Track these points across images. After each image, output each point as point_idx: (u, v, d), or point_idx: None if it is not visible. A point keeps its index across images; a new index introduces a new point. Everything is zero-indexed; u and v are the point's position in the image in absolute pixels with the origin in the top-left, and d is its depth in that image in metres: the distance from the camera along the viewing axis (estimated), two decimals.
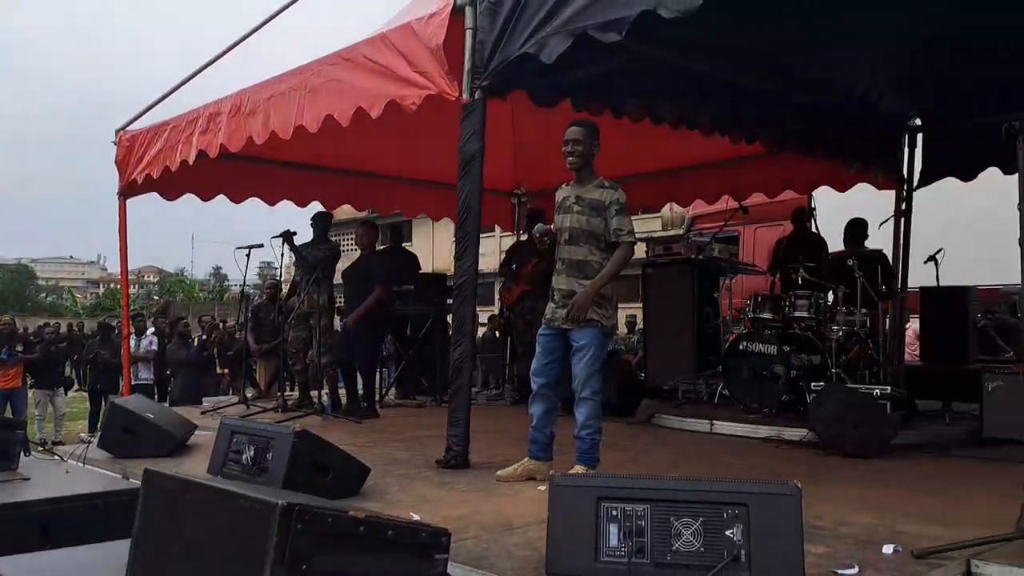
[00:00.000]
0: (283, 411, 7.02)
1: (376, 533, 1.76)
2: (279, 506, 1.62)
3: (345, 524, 1.71)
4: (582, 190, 4.17)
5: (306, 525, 1.63)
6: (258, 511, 1.66)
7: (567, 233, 4.16)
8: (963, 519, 3.35)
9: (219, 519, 1.76)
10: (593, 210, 4.10)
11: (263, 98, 6.14)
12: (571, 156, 4.16)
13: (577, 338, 4.05)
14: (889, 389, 5.57)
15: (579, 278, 4.10)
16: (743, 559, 2.23)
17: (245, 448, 3.75)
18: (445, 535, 1.92)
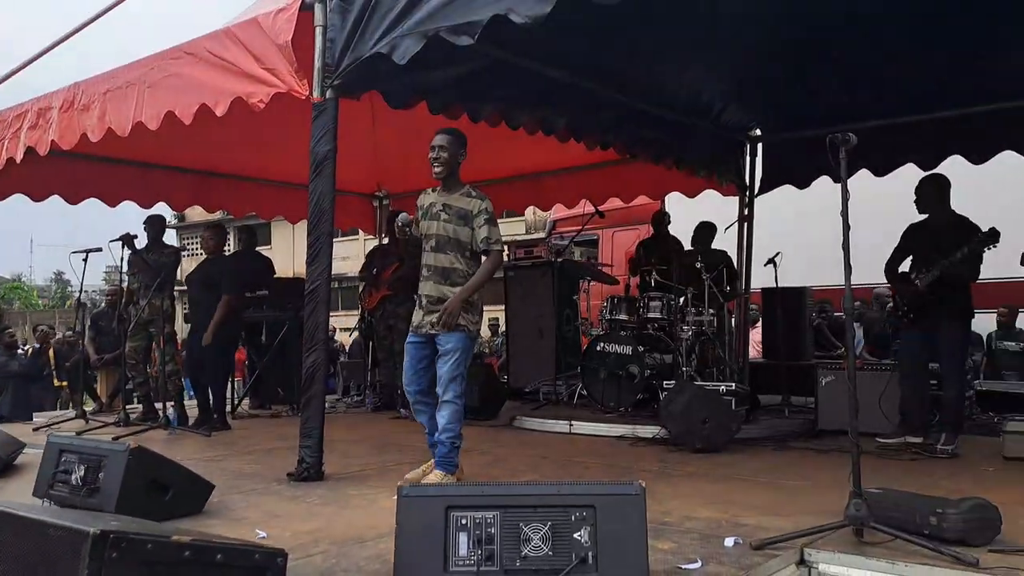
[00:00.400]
0: (125, 425, 6.59)
1: (203, 557, 1.65)
2: (91, 534, 1.48)
3: (168, 550, 1.59)
4: (449, 197, 4.17)
5: (122, 553, 1.51)
6: (68, 540, 1.52)
7: (433, 240, 4.15)
8: (798, 509, 3.54)
9: (27, 551, 1.60)
10: (460, 218, 4.11)
11: (99, 92, 5.75)
12: (437, 164, 4.13)
13: (443, 342, 4.06)
14: (734, 386, 5.85)
15: (445, 285, 4.12)
16: (591, 561, 2.25)
17: (75, 468, 3.48)
18: (281, 555, 1.83)
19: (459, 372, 4.05)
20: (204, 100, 4.94)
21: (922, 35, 6.26)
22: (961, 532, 2.82)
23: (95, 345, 9.15)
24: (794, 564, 2.85)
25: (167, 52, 5.34)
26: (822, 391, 5.98)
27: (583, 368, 6.95)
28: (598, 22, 5.24)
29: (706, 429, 5.14)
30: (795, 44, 6.62)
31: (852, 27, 6.29)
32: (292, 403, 8.10)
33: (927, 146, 7.16)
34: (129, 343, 7.00)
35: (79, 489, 3.42)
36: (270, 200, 9.63)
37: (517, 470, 4.69)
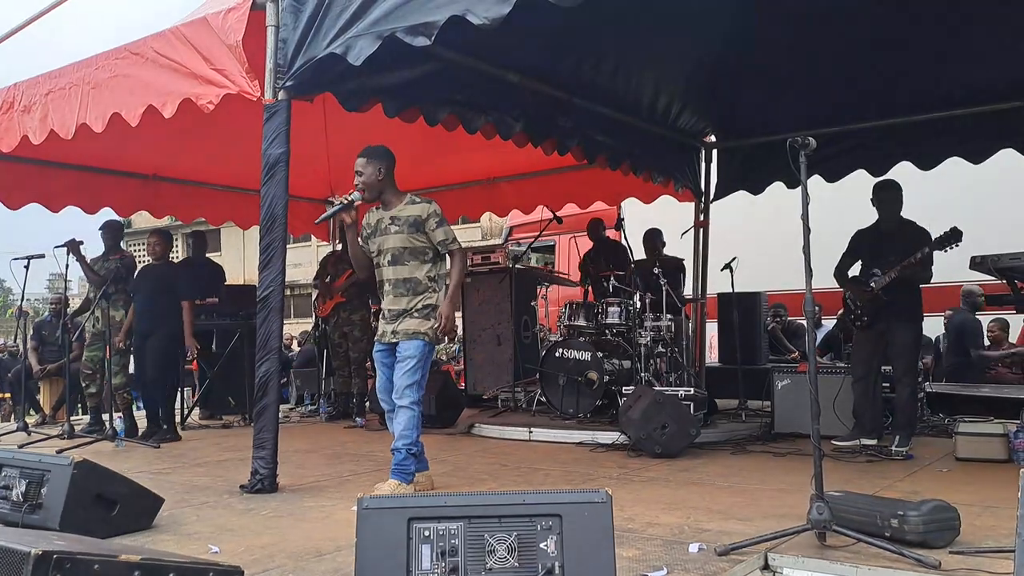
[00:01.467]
0: (70, 438, 6.35)
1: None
2: (32, 555, 1.39)
3: (116, 570, 1.50)
4: (395, 210, 4.18)
5: (67, 574, 1.41)
6: (7, 561, 1.42)
7: (389, 255, 4.15)
8: (759, 513, 3.54)
9: None
10: (411, 226, 4.12)
11: (40, 93, 5.56)
12: (360, 189, 4.13)
13: (403, 348, 4.05)
14: (692, 390, 5.88)
15: (408, 296, 4.11)
16: (557, 571, 2.20)
17: (15, 483, 3.32)
18: (237, 573, 1.74)
19: (415, 379, 4.03)
20: (151, 101, 4.80)
21: (873, 45, 6.39)
22: (922, 534, 2.84)
23: (38, 355, 8.85)
24: (758, 569, 2.83)
25: (112, 52, 5.18)
26: (778, 394, 6.03)
27: (542, 374, 6.91)
28: (555, 25, 5.22)
29: (665, 434, 5.13)
30: (748, 52, 6.71)
31: (804, 36, 6.39)
32: (243, 413, 7.94)
33: (877, 153, 7.29)
34: (86, 352, 6.79)
35: (20, 505, 3.25)
36: (219, 205, 9.42)
37: (477, 478, 4.62)
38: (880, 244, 5.63)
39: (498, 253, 8.79)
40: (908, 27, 6.11)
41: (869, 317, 5.46)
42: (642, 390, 5.71)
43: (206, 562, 1.74)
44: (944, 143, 6.94)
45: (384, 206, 4.23)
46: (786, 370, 6.17)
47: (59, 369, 8.67)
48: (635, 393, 5.70)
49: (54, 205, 7.99)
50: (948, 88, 6.67)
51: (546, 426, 6.28)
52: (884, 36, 6.29)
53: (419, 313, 4.08)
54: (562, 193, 8.98)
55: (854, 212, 7.55)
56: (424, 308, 4.09)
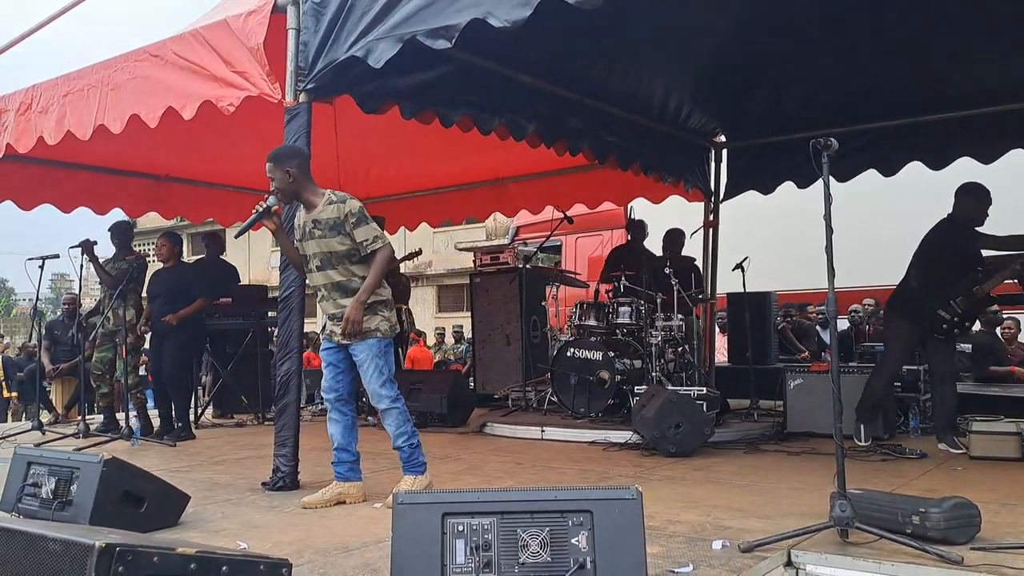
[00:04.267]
0: (85, 436, 6.43)
1: (209, 569, 1.61)
2: (96, 547, 1.43)
3: (173, 563, 1.54)
4: (315, 212, 3.97)
5: (129, 567, 1.46)
6: (71, 554, 1.46)
7: (317, 260, 3.99)
8: (778, 511, 3.58)
9: (21, 565, 1.54)
10: (332, 229, 3.92)
11: (58, 95, 5.61)
12: (271, 195, 4.02)
13: (357, 352, 3.93)
14: (705, 390, 5.91)
15: (342, 299, 3.96)
16: (589, 566, 2.24)
17: (44, 480, 3.37)
18: (285, 566, 1.79)
19: (384, 377, 3.91)
20: (171, 103, 4.85)
21: (885, 44, 6.41)
22: (944, 531, 2.87)
23: (50, 355, 8.89)
24: (782, 566, 2.87)
25: (131, 54, 5.23)
26: (791, 394, 6.05)
27: (553, 374, 6.95)
28: (567, 27, 5.25)
29: (679, 433, 5.16)
30: (758, 51, 6.72)
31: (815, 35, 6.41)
32: (256, 412, 7.99)
33: (888, 152, 7.33)
34: (96, 353, 6.82)
35: (50, 502, 3.30)
36: (229, 206, 9.46)
37: (493, 477, 4.66)
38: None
39: (506, 253, 8.84)
40: (920, 26, 6.13)
41: (970, 323, 5.37)
42: (655, 389, 5.74)
43: (256, 555, 1.78)
44: (956, 143, 6.97)
45: (305, 208, 4.04)
46: (799, 369, 6.20)
47: (72, 369, 8.73)
48: (648, 392, 5.74)
49: (66, 206, 8.06)
50: (961, 88, 6.69)
51: (558, 425, 6.31)
52: (896, 35, 6.31)
53: (366, 311, 3.91)
54: (570, 193, 9.00)
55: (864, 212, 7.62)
56: (369, 306, 3.92)
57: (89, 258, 6.72)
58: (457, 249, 16.72)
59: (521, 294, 8.17)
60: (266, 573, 1.74)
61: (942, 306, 5.27)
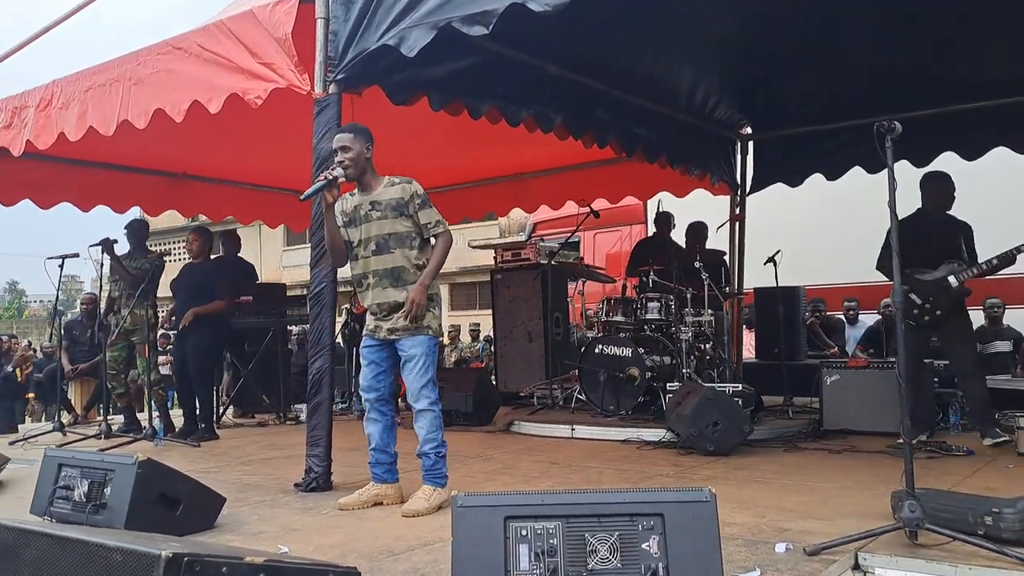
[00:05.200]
0: (107, 437, 6.34)
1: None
2: (163, 557, 1.32)
3: (242, 572, 1.43)
4: (374, 194, 3.86)
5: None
6: (134, 564, 1.35)
7: (373, 243, 3.83)
8: (834, 512, 3.45)
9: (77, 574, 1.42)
10: (394, 210, 3.81)
11: (79, 90, 5.51)
12: (344, 166, 3.78)
13: (406, 347, 3.78)
14: (740, 387, 5.78)
15: (397, 286, 3.81)
16: (662, 573, 2.12)
17: (77, 483, 3.27)
18: (354, 574, 1.67)
19: (429, 376, 3.77)
20: (197, 97, 4.74)
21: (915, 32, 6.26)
22: (1020, 532, 2.74)
23: (69, 355, 8.82)
24: (850, 569, 2.74)
25: (154, 47, 5.13)
26: (827, 390, 5.92)
27: (581, 371, 6.82)
28: (596, 16, 5.13)
29: (717, 432, 5.03)
30: (785, 40, 6.58)
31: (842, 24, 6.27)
32: (278, 411, 7.90)
33: (920, 143, 7.16)
34: (109, 352, 6.73)
35: (83, 505, 3.20)
36: (248, 203, 9.40)
37: (530, 477, 4.54)
38: (928, 237, 5.48)
39: (528, 249, 8.72)
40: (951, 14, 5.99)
41: (942, 311, 5.28)
42: (690, 387, 5.62)
43: (325, 564, 1.67)
44: (990, 133, 6.82)
45: (362, 189, 3.90)
46: (835, 365, 6.06)
47: (90, 369, 8.66)
48: (683, 390, 5.61)
49: (84, 204, 7.98)
50: (994, 76, 6.54)
51: (588, 423, 6.19)
52: (927, 23, 6.16)
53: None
54: (592, 188, 8.87)
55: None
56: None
57: (110, 257, 6.64)
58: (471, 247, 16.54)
59: (545, 290, 8.06)
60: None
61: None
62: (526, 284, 8.27)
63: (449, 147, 7.78)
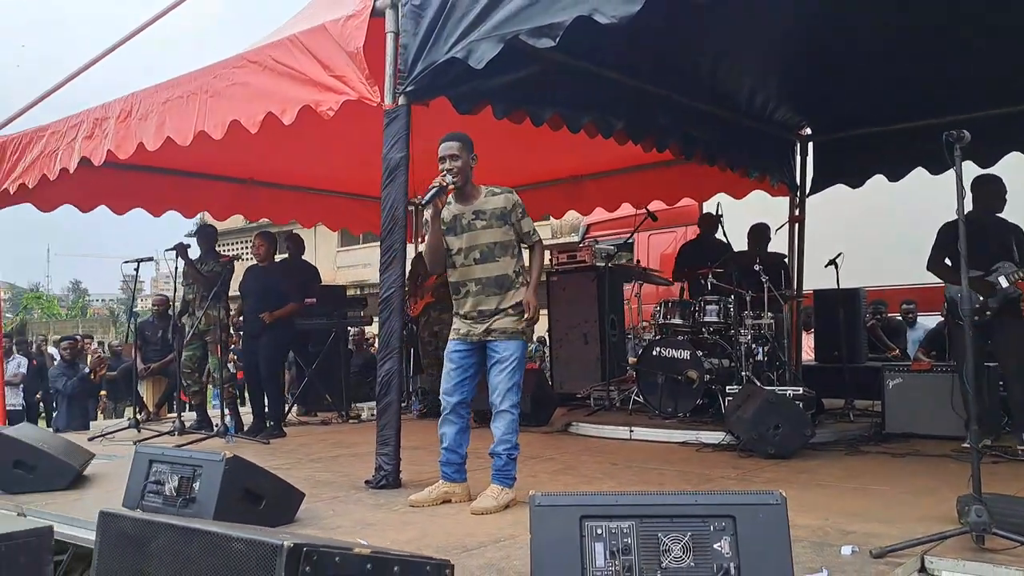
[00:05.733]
0: (181, 434, 6.61)
1: (383, 570, 1.63)
2: (285, 547, 1.45)
3: (352, 562, 1.57)
4: (477, 203, 3.96)
5: (315, 567, 1.48)
6: (256, 554, 1.48)
7: (477, 251, 3.94)
8: (899, 515, 3.47)
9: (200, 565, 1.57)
10: (499, 219, 3.93)
11: (157, 102, 5.76)
12: (451, 175, 3.85)
13: (501, 348, 3.88)
14: (801, 390, 5.78)
15: (500, 294, 3.92)
16: (733, 572, 2.20)
17: (167, 478, 3.46)
18: (448, 567, 1.80)
19: (516, 380, 3.88)
20: (271, 109, 4.93)
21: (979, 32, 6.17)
22: None
23: (141, 354, 9.17)
24: (916, 572, 2.79)
25: (230, 60, 5.35)
26: (889, 393, 5.89)
27: (638, 373, 6.89)
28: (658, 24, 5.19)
29: (778, 435, 5.05)
30: (846, 42, 6.54)
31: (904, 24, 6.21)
32: (340, 411, 8.12)
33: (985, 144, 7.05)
34: (184, 352, 7.01)
35: (174, 500, 3.39)
36: (310, 208, 9.68)
37: (592, 477, 4.64)
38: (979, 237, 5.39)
39: (583, 251, 8.79)
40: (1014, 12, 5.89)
41: (992, 313, 5.25)
42: (751, 389, 5.64)
43: (422, 557, 1.80)
44: None
45: (461, 199, 3.98)
46: (898, 369, 6.03)
47: (162, 368, 8.99)
48: (743, 392, 5.64)
49: (156, 210, 8.34)
50: None
51: (646, 425, 6.25)
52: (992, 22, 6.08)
53: (514, 311, 3.91)
54: (648, 190, 8.94)
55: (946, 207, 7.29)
56: (517, 305, 3.92)
57: (184, 260, 6.91)
58: None
59: (601, 293, 8.13)
60: (432, 573, 1.75)
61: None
62: (582, 286, 8.35)
63: (507, 150, 7.87)
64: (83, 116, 6.38)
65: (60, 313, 46.92)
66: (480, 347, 3.96)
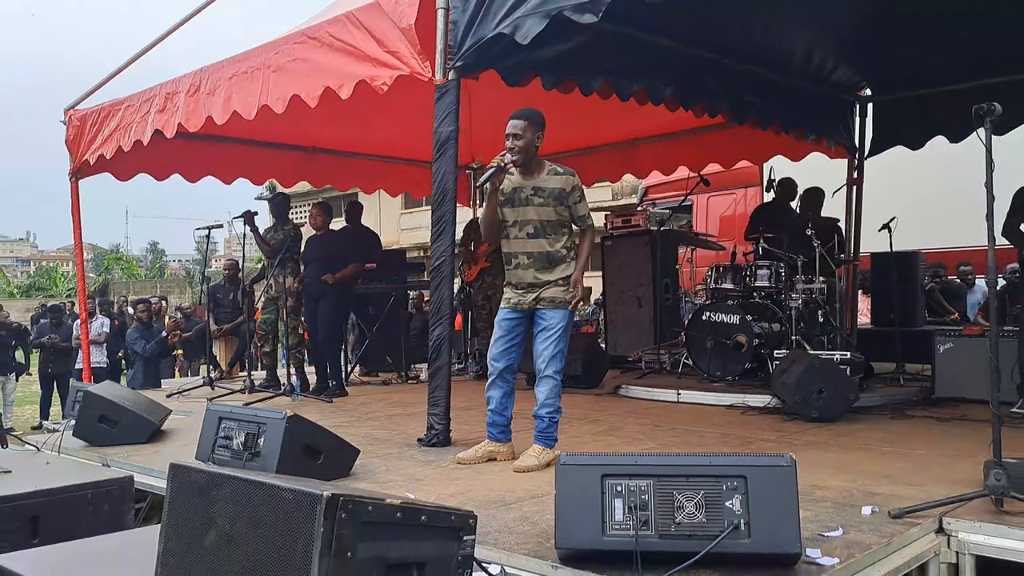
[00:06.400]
0: (250, 392, 7.00)
1: (412, 519, 1.84)
2: (324, 497, 1.68)
3: (384, 511, 1.78)
4: (537, 179, 4.07)
5: (349, 514, 1.70)
6: (302, 502, 1.71)
7: (531, 227, 4.07)
8: (929, 479, 3.56)
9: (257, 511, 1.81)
10: (556, 199, 4.05)
11: (224, 77, 6.04)
12: (514, 152, 3.96)
13: (548, 316, 4.04)
14: (848, 354, 5.82)
15: (549, 269, 4.07)
16: (743, 527, 2.36)
17: (235, 434, 3.77)
18: (472, 517, 2.01)
19: (560, 348, 4.02)
20: (329, 83, 5.14)
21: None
22: None
23: (213, 316, 9.66)
24: (932, 532, 2.90)
25: (291, 36, 5.58)
26: (940, 358, 5.89)
27: (688, 337, 7.00)
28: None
29: (822, 399, 5.14)
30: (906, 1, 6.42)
31: None
32: (400, 371, 8.45)
33: None
34: (260, 315, 7.40)
35: (241, 453, 3.70)
36: (371, 174, 9.95)
37: (633, 438, 4.81)
38: None
39: (638, 215, 8.87)
40: None
41: None
42: (797, 354, 5.72)
43: (447, 507, 2.01)
44: None
45: (523, 173, 4.07)
46: (949, 333, 6.01)
47: (234, 329, 9.46)
48: (790, 357, 5.71)
49: (227, 177, 8.69)
50: None
51: (694, 388, 6.37)
52: None
53: (564, 282, 4.06)
54: (704, 153, 8.90)
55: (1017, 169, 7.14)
56: (565, 278, 4.07)
57: (250, 228, 7.24)
58: None
59: (654, 257, 8.22)
60: (457, 523, 1.96)
61: None
62: (636, 250, 8.45)
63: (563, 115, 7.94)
64: (156, 91, 6.72)
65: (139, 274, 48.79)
66: (529, 316, 4.14)
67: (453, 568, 1.94)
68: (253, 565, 1.78)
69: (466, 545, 1.97)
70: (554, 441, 4.12)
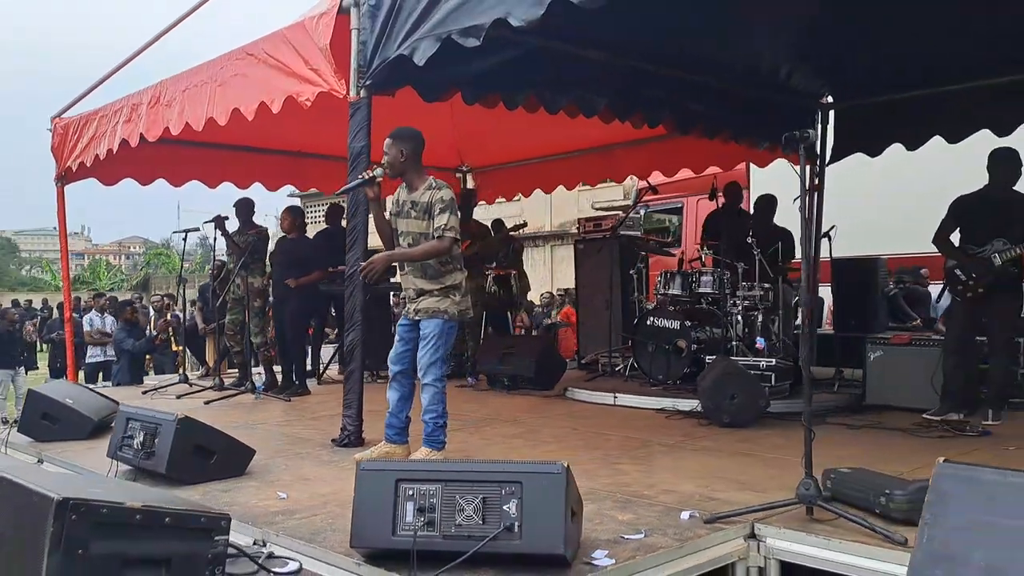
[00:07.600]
0: (219, 390, 7.31)
1: (154, 521, 2.06)
2: (55, 500, 1.91)
3: (121, 514, 2.00)
4: (415, 194, 4.35)
5: (81, 516, 1.93)
6: (41, 504, 1.95)
7: (410, 237, 4.36)
8: (779, 485, 3.66)
9: (16, 511, 2.05)
10: (425, 212, 4.30)
11: (179, 90, 6.34)
12: (382, 166, 4.34)
13: (423, 326, 4.29)
14: (774, 361, 5.93)
15: (425, 279, 4.33)
16: (516, 529, 2.55)
17: (137, 433, 4.04)
18: (225, 519, 2.22)
19: (437, 356, 4.25)
20: (263, 98, 5.40)
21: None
22: (907, 512, 2.93)
23: (203, 315, 10.03)
24: (742, 538, 3.05)
25: (233, 53, 5.85)
26: (871, 365, 5.98)
27: (633, 341, 7.15)
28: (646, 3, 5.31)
29: (734, 405, 5.27)
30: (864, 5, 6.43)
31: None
32: (373, 371, 8.68)
33: (1003, 111, 6.87)
34: (228, 316, 7.71)
35: (139, 452, 3.97)
36: None
37: (540, 441, 5.00)
38: (987, 213, 5.45)
39: (609, 220, 9.02)
40: None
41: (984, 289, 5.30)
42: (718, 360, 5.84)
43: (201, 509, 2.23)
44: None
45: (408, 187, 4.40)
46: (879, 341, 6.08)
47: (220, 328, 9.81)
48: (712, 363, 5.85)
49: (211, 182, 8.99)
50: None
51: (632, 392, 6.53)
52: None
53: (439, 292, 4.29)
54: (677, 158, 9.01)
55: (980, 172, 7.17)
56: (444, 288, 4.30)
57: (221, 231, 7.56)
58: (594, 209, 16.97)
59: (617, 261, 8.36)
60: (207, 524, 2.18)
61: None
62: (601, 255, 8.60)
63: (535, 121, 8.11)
64: (123, 102, 7.06)
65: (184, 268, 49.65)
66: (416, 323, 4.38)
67: (203, 565, 2.16)
68: (10, 559, 2.03)
69: (218, 544, 2.19)
70: (442, 444, 4.34)
